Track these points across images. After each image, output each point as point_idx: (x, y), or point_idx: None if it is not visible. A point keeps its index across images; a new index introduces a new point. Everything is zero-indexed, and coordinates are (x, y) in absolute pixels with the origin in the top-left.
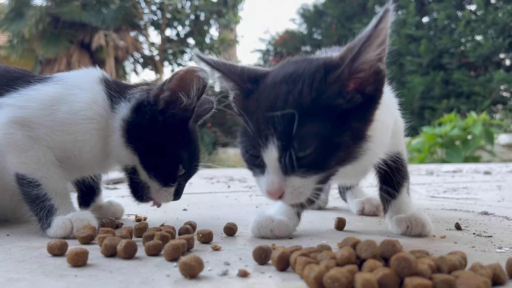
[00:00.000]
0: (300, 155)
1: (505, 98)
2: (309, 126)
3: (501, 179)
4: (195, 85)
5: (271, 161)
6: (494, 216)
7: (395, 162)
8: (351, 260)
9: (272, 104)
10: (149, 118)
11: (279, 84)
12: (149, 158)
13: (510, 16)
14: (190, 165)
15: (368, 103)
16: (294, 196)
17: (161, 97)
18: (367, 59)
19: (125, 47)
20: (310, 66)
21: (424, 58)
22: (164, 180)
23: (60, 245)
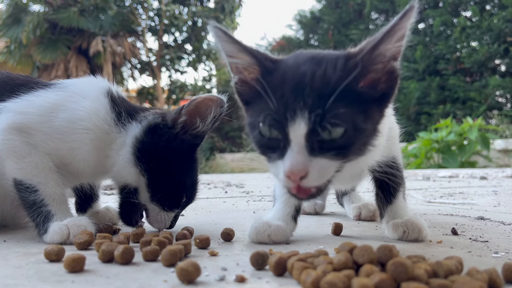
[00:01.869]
0: (330, 136)
1: (501, 104)
2: (341, 105)
3: (497, 184)
4: (213, 112)
5: (298, 137)
6: (490, 221)
7: (390, 167)
8: (348, 265)
9: (301, 80)
10: (165, 141)
11: (304, 64)
12: (157, 181)
13: (505, 22)
14: (191, 194)
15: (381, 99)
16: (318, 177)
17: (179, 121)
18: (386, 51)
19: (122, 52)
20: (330, 54)
21: (420, 64)
22: (169, 205)
23: (57, 251)
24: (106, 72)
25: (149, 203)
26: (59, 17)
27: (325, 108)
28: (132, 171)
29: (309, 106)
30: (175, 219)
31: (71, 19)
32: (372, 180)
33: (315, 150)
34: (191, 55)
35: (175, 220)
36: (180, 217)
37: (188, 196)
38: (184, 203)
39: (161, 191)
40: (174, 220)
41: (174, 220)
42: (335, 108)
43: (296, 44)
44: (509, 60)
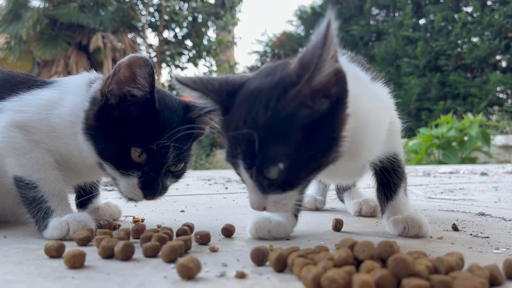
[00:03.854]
0: (270, 176)
1: (501, 100)
2: (270, 147)
3: (497, 180)
4: (140, 75)
5: (246, 180)
6: (491, 217)
7: (391, 163)
8: (348, 261)
9: (236, 124)
10: (99, 111)
11: (245, 101)
12: (101, 145)
13: (506, 18)
14: (149, 149)
15: (336, 104)
16: (277, 209)
17: (107, 91)
18: (324, 73)
19: (122, 49)
20: (273, 80)
21: (420, 60)
22: (118, 165)
23: (57, 247)
24: (107, 68)
25: (111, 172)
26: (59, 13)
27: (256, 153)
28: (87, 146)
29: (243, 153)
30: (149, 183)
31: (71, 15)
32: (373, 175)
33: (265, 188)
34: (191, 51)
35: (147, 184)
36: (180, 214)
37: (146, 150)
38: (151, 163)
39: (109, 155)
40: (146, 186)
41: (145, 187)
42: (266, 152)
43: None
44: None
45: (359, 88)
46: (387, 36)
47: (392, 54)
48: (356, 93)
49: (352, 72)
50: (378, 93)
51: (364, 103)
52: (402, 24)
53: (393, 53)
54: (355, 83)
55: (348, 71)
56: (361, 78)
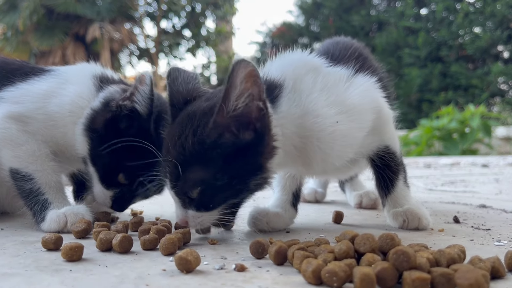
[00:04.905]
0: (189, 196)
1: (503, 91)
2: (190, 172)
3: (498, 172)
4: (139, 92)
5: (172, 195)
6: (492, 209)
7: (383, 158)
8: (349, 254)
9: (167, 145)
10: (110, 118)
11: (179, 123)
12: (96, 151)
13: (508, 8)
14: (135, 181)
15: (258, 137)
16: (197, 224)
17: (122, 104)
18: (237, 106)
19: (120, 39)
20: (207, 106)
21: (422, 50)
22: (103, 179)
23: (55, 240)
24: (104, 59)
25: (93, 174)
26: (56, 3)
27: (179, 175)
28: (81, 140)
29: (169, 173)
30: (120, 199)
31: (68, 5)
32: (370, 169)
33: (186, 204)
34: (189, 41)
35: (119, 201)
36: None
37: (128, 180)
38: (128, 188)
39: (98, 164)
40: (117, 201)
41: (116, 201)
42: (187, 174)
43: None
44: None
45: (310, 102)
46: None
47: (393, 44)
48: (304, 110)
49: (308, 80)
50: (348, 94)
51: (312, 119)
52: (404, 14)
53: (394, 43)
54: (306, 96)
55: (303, 80)
56: (320, 85)
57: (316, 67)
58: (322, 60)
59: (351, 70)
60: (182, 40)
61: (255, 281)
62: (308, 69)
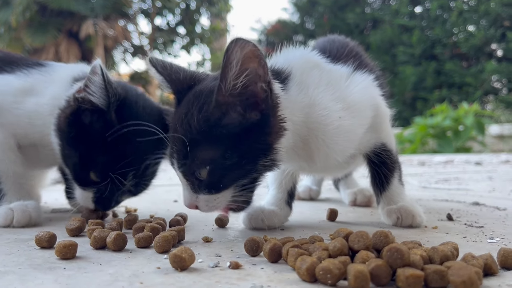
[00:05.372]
0: (200, 177)
1: (496, 89)
2: (198, 150)
3: (492, 169)
4: (94, 82)
5: (180, 178)
6: (485, 207)
7: (379, 155)
8: (343, 252)
9: (174, 124)
10: (71, 114)
11: (186, 102)
12: (66, 151)
13: (502, 6)
14: (106, 178)
15: (265, 119)
16: (209, 208)
17: (79, 96)
18: (236, 86)
19: (114, 36)
20: (214, 85)
21: (416, 48)
22: (77, 179)
23: (49, 238)
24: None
25: (70, 175)
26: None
27: (187, 154)
28: (55, 141)
29: (177, 153)
30: (101, 200)
31: (61, 2)
32: (366, 166)
33: (195, 188)
34: (184, 38)
35: (100, 201)
36: (173, 203)
37: (100, 178)
38: (105, 187)
39: (69, 165)
40: (99, 202)
41: (98, 201)
42: (195, 152)
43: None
44: (506, 45)
45: (317, 95)
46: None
47: (387, 42)
48: (311, 100)
49: (315, 75)
50: (350, 91)
51: (319, 111)
52: (398, 12)
53: (388, 41)
54: (313, 89)
55: (310, 73)
56: (325, 81)
57: (319, 64)
58: (323, 57)
59: (350, 68)
60: (177, 37)
61: (250, 279)
62: (313, 65)
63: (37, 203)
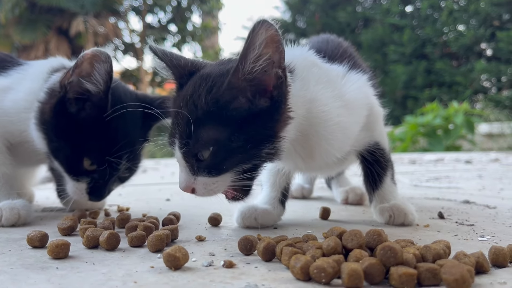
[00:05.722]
0: (200, 158)
1: (486, 88)
2: (204, 130)
3: (481, 168)
4: (97, 70)
5: (179, 159)
6: (475, 205)
7: (373, 153)
8: (337, 250)
9: (178, 105)
10: (56, 104)
11: (192, 84)
12: (54, 143)
13: (491, 6)
14: (102, 162)
15: (275, 105)
16: (206, 192)
17: (67, 83)
18: (253, 69)
19: (105, 33)
20: (223, 69)
21: (407, 47)
22: (69, 170)
23: (40, 237)
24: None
25: (60, 169)
26: None
27: (190, 133)
28: (38, 135)
29: (179, 133)
30: (96, 189)
31: None
32: (359, 165)
33: (194, 169)
34: (175, 36)
35: (95, 190)
36: (166, 202)
37: (97, 163)
38: (100, 173)
39: (59, 155)
40: (93, 192)
41: (92, 192)
42: (199, 134)
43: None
44: (495, 44)
45: (318, 91)
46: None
47: (379, 41)
48: (313, 96)
49: (315, 73)
50: (347, 89)
51: (320, 106)
52: (389, 11)
53: (380, 40)
54: (314, 85)
55: (310, 70)
56: (324, 79)
57: (317, 62)
58: (319, 57)
59: (346, 68)
60: (168, 35)
61: (244, 278)
62: (312, 63)
63: (26, 201)
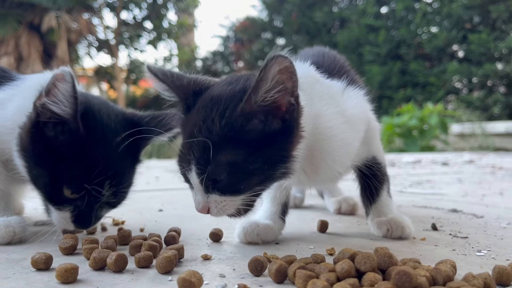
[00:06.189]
0: (216, 179)
1: (457, 89)
2: (221, 155)
3: (458, 170)
4: (61, 90)
5: (194, 183)
6: (463, 214)
7: (370, 168)
8: (351, 274)
9: (191, 130)
10: (32, 128)
11: (203, 107)
12: (33, 171)
13: (464, 9)
14: (80, 190)
15: (287, 128)
16: (219, 210)
17: (39, 105)
18: (265, 99)
19: (78, 29)
20: (233, 90)
21: (382, 48)
22: (50, 198)
23: (45, 260)
24: (61, 50)
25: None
26: None
27: (208, 159)
28: (20, 163)
29: (195, 159)
30: (81, 217)
31: None
32: (356, 178)
33: (209, 189)
34: (151, 33)
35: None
36: (159, 213)
37: (76, 191)
38: (83, 201)
39: (38, 184)
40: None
41: (77, 220)
42: (216, 159)
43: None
44: (467, 46)
45: (322, 107)
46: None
47: (354, 41)
48: (317, 112)
49: (318, 89)
50: (347, 105)
51: (325, 122)
52: (365, 12)
53: (355, 40)
54: (318, 101)
55: (313, 87)
56: (327, 95)
57: (318, 78)
58: (319, 72)
59: (344, 84)
60: (143, 32)
61: None
62: (315, 79)
63: (21, 218)
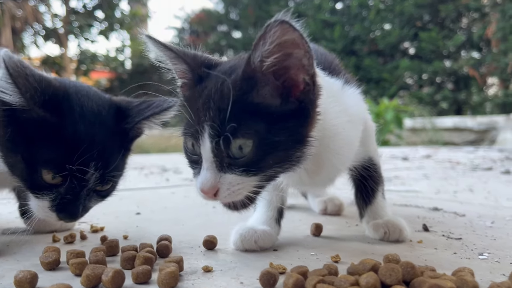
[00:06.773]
0: (236, 150)
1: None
2: (244, 118)
3: (420, 165)
4: None
5: (206, 152)
6: (445, 212)
7: (367, 169)
8: (376, 287)
9: (209, 92)
10: (3, 111)
11: (223, 73)
12: (9, 160)
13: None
14: (62, 170)
15: (303, 109)
16: (230, 194)
17: None
18: (266, 62)
19: (23, 17)
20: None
21: (337, 43)
22: (30, 186)
23: (31, 279)
24: (5, 38)
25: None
26: None
27: (226, 121)
28: None
29: (212, 119)
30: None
31: None
32: (350, 180)
33: (224, 166)
34: (102, 23)
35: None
36: (137, 217)
37: (58, 172)
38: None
39: (18, 173)
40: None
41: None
42: (237, 121)
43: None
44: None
45: (328, 104)
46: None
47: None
48: (324, 109)
49: (324, 86)
50: (348, 103)
51: (331, 120)
52: (320, 8)
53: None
54: (325, 97)
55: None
56: (331, 92)
57: (321, 75)
58: (320, 69)
59: (342, 82)
60: (94, 21)
61: None
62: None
63: None
